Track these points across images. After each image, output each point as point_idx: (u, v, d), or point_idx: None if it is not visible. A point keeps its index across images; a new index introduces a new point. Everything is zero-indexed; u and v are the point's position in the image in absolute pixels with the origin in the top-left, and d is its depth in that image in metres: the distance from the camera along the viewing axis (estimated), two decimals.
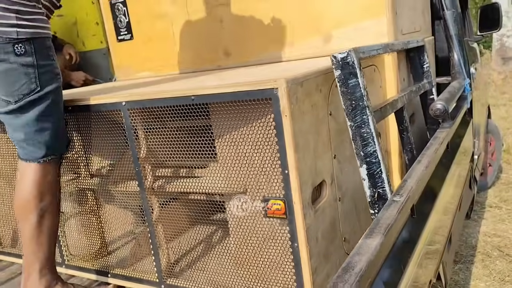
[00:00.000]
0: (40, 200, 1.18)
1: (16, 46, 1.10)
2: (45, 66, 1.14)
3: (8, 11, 1.09)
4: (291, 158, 0.94)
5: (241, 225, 1.10)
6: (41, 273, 1.22)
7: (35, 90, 1.13)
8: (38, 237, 1.19)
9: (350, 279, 0.65)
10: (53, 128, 1.18)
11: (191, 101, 1.04)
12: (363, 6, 1.53)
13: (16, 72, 1.10)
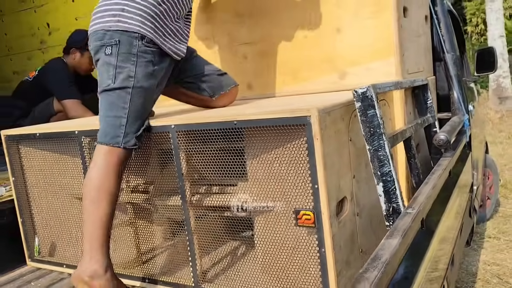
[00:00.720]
0: (100, 179, 1.30)
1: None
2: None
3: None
4: (320, 175, 1.12)
5: (273, 233, 1.26)
6: (90, 255, 1.30)
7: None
8: (96, 219, 1.29)
9: (378, 266, 0.81)
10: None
11: (234, 125, 1.23)
12: (374, 48, 1.75)
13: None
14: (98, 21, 1.36)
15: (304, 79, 1.92)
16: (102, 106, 1.35)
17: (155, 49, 1.35)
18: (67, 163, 1.69)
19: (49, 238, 1.83)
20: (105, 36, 1.31)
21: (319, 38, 1.84)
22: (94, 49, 1.36)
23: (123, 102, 1.31)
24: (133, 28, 1.31)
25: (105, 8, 1.35)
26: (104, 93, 1.34)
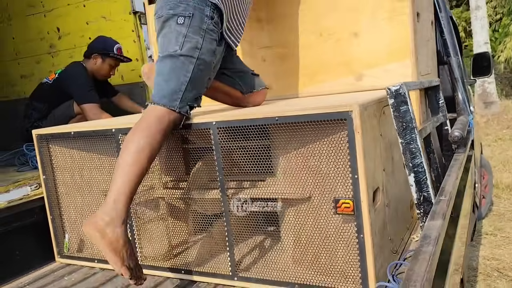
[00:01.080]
0: (146, 136, 1.34)
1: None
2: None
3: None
4: (361, 166, 1.22)
5: (310, 222, 1.35)
6: (114, 204, 1.31)
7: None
8: (130, 173, 1.32)
9: (431, 242, 0.91)
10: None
11: (276, 121, 1.32)
12: (390, 51, 1.86)
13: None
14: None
15: (322, 81, 2.02)
16: (164, 69, 1.43)
17: (219, 30, 1.49)
18: (101, 160, 1.75)
19: (78, 234, 1.88)
20: (179, 6, 1.42)
21: (337, 42, 1.94)
22: (165, 16, 1.44)
23: (186, 69, 1.41)
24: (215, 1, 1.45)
25: None
26: (168, 57, 1.42)
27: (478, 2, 8.84)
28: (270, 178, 1.46)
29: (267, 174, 1.46)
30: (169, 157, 1.63)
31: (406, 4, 1.77)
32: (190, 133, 1.51)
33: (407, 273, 0.79)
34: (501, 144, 6.83)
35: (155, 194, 1.68)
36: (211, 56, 1.47)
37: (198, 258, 1.61)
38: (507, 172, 5.12)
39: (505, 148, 6.47)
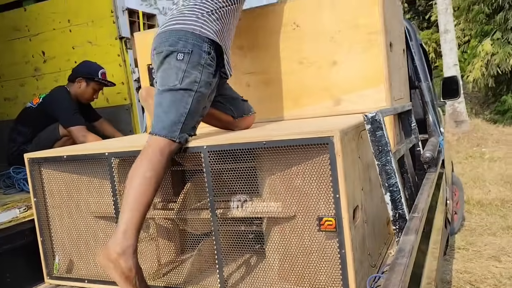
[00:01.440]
0: (150, 169, 1.43)
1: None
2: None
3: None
4: (342, 186, 1.33)
5: (294, 239, 1.45)
6: (125, 234, 1.39)
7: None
8: (139, 205, 1.41)
9: (405, 255, 1.02)
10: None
11: (263, 145, 1.42)
12: (366, 78, 2.00)
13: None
14: (177, 22, 1.58)
15: (304, 105, 2.14)
16: (164, 102, 1.52)
17: (215, 64, 1.60)
18: (93, 184, 1.81)
19: (68, 256, 1.93)
20: (178, 43, 1.52)
21: (317, 69, 2.08)
22: (165, 52, 1.54)
23: (186, 102, 1.51)
24: (210, 36, 1.57)
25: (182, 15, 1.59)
26: (168, 91, 1.52)
27: (446, 26, 9.27)
28: (257, 198, 1.56)
29: (254, 194, 1.56)
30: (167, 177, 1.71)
31: (379, 36, 1.92)
32: (181, 157, 1.60)
33: (384, 283, 0.89)
34: (472, 161, 7.12)
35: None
36: (208, 88, 1.57)
37: (188, 276, 1.68)
38: (478, 189, 5.34)
39: (475, 165, 6.74)
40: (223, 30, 1.65)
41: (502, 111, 11.36)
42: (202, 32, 1.56)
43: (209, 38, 1.57)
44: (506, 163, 6.61)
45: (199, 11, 1.61)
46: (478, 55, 11.41)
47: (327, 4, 2.02)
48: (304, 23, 2.08)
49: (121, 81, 3.01)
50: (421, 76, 2.58)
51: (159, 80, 1.56)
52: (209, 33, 1.58)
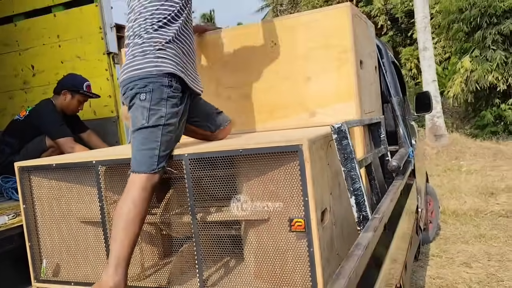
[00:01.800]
0: (134, 206, 1.57)
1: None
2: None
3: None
4: (310, 190, 1.47)
5: (268, 239, 1.58)
6: (116, 270, 1.55)
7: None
8: (127, 240, 1.56)
9: (361, 248, 1.15)
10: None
11: (240, 152, 1.56)
12: (338, 93, 2.15)
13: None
14: (133, 69, 1.67)
15: (280, 117, 2.29)
16: (137, 141, 1.64)
17: (179, 93, 1.69)
18: (80, 191, 1.92)
19: (55, 260, 2.02)
20: (137, 84, 1.63)
21: (293, 84, 2.23)
22: (129, 96, 1.66)
23: (155, 137, 1.62)
24: (169, 70, 1.66)
25: (137, 57, 1.67)
26: (139, 130, 1.64)
27: (425, 43, 9.60)
28: (234, 203, 1.69)
29: (232, 199, 1.69)
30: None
31: (350, 55, 2.08)
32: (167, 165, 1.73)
33: (339, 270, 1.03)
34: (450, 174, 7.34)
35: None
36: (175, 117, 1.68)
37: (170, 277, 1.78)
38: (454, 200, 5.54)
39: (453, 177, 6.96)
40: (180, 55, 1.73)
41: (481, 125, 11.72)
42: (158, 70, 1.65)
43: (168, 72, 1.66)
44: (482, 176, 6.85)
45: (149, 48, 1.67)
46: (458, 72, 11.81)
47: (302, 25, 2.18)
48: (281, 42, 2.23)
49: (108, 94, 3.13)
50: (392, 91, 2.75)
51: (131, 122, 1.68)
52: (165, 67, 1.66)
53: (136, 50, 1.69)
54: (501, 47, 11.08)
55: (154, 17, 1.70)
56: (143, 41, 1.69)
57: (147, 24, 1.70)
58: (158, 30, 1.69)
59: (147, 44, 1.68)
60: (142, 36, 1.69)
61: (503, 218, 4.69)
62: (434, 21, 13.28)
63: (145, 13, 1.71)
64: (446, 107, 13.09)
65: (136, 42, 1.70)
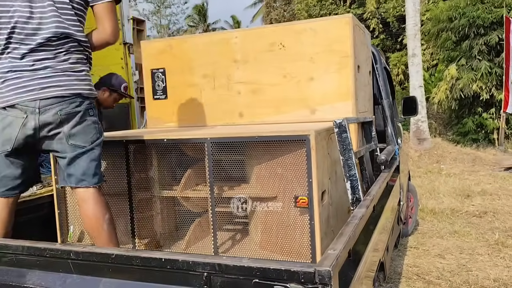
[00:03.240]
0: (105, 215, 1.82)
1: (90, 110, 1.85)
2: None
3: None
4: (314, 173, 1.76)
5: (277, 212, 1.87)
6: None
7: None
8: (108, 243, 1.81)
9: (356, 220, 1.45)
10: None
11: (256, 139, 1.84)
12: (337, 93, 2.45)
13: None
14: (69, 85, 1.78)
15: (284, 112, 2.57)
16: (95, 157, 1.83)
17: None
18: (108, 165, 2.18)
19: (80, 227, 2.27)
20: (84, 102, 1.81)
21: (297, 83, 2.51)
22: (81, 112, 1.79)
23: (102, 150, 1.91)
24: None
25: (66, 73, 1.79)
26: (99, 146, 1.86)
27: (414, 50, 9.99)
28: (247, 182, 1.97)
29: (245, 179, 1.97)
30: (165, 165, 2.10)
31: (349, 60, 2.38)
32: (187, 147, 2.00)
33: (341, 231, 1.32)
34: (430, 176, 7.74)
35: (152, 194, 2.14)
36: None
37: (186, 242, 2.06)
38: (432, 199, 5.91)
39: (433, 179, 7.35)
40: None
41: (463, 132, 12.18)
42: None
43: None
44: (460, 179, 7.25)
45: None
46: (444, 79, 12.23)
47: (309, 30, 2.46)
48: (289, 45, 2.51)
49: None
50: (383, 94, 3.06)
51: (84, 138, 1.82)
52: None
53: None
54: (486, 58, 11.51)
55: None
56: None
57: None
58: None
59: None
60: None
61: (476, 218, 5.06)
62: (424, 28, 13.67)
63: None
64: (430, 112, 13.53)
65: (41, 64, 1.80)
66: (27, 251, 1.39)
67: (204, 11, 32.68)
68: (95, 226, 1.81)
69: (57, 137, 1.78)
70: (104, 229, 1.80)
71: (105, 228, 1.80)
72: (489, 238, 4.27)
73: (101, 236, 1.80)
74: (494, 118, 11.49)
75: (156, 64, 2.81)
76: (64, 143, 1.78)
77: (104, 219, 1.81)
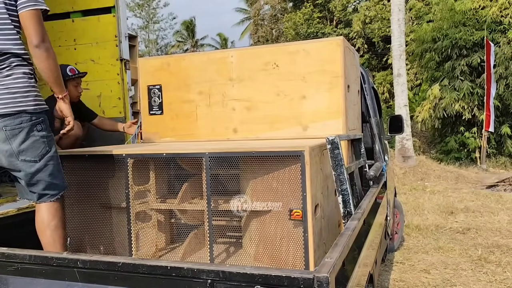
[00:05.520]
0: (61, 226, 1.93)
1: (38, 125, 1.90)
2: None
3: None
4: (308, 187, 1.84)
5: (272, 225, 1.94)
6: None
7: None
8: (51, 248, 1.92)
9: (348, 232, 1.53)
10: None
11: (253, 154, 1.92)
12: (328, 111, 2.55)
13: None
14: (14, 101, 1.83)
15: (277, 128, 2.67)
16: (52, 170, 1.94)
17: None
18: (103, 179, 2.23)
19: (79, 238, 2.31)
20: (29, 117, 1.86)
21: (290, 101, 2.61)
22: (26, 128, 1.86)
23: (59, 159, 2.01)
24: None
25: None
26: (52, 158, 1.95)
27: (399, 70, 10.27)
28: (243, 196, 2.05)
29: (241, 192, 2.05)
30: (162, 179, 2.17)
31: (340, 79, 2.49)
32: (185, 161, 2.07)
33: (335, 242, 1.40)
34: (415, 193, 7.90)
35: (150, 206, 2.20)
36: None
37: (182, 254, 2.12)
38: (417, 216, 6.04)
39: (417, 196, 7.51)
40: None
41: (446, 151, 12.47)
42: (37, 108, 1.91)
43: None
44: (444, 196, 7.42)
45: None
46: (428, 98, 12.55)
47: (302, 51, 2.58)
48: (282, 64, 2.62)
49: (118, 97, 3.43)
50: (371, 113, 3.18)
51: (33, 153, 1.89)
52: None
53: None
54: (468, 78, 11.87)
55: None
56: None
57: None
58: None
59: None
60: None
61: (460, 234, 5.20)
62: (408, 48, 14.05)
63: None
64: (415, 131, 13.83)
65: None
66: (34, 260, 1.43)
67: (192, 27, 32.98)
68: (41, 231, 1.94)
69: (7, 154, 1.86)
70: (47, 235, 1.92)
71: (47, 234, 1.92)
72: (472, 254, 4.40)
73: (44, 240, 1.93)
74: (476, 137, 11.81)
75: (153, 81, 2.89)
76: (15, 159, 1.87)
77: (49, 225, 1.92)
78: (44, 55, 1.84)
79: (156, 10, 31.56)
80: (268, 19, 24.80)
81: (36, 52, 1.84)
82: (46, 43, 1.85)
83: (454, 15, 12.05)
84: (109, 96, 3.41)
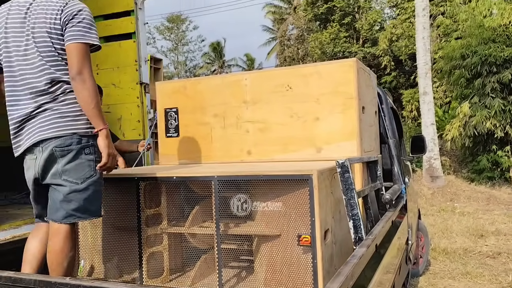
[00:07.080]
0: (69, 252, 1.91)
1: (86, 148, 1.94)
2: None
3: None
4: (317, 212, 1.81)
5: (280, 250, 1.91)
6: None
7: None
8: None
9: (355, 260, 1.49)
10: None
11: (261, 178, 1.91)
12: (342, 133, 2.52)
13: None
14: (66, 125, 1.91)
15: (291, 150, 2.65)
16: (90, 194, 1.92)
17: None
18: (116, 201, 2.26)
19: (92, 261, 2.34)
20: (82, 140, 1.92)
21: (304, 123, 2.60)
22: (75, 150, 1.90)
23: (101, 186, 2.01)
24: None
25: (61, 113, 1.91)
26: (93, 183, 1.94)
27: (425, 88, 10.09)
28: (251, 220, 2.03)
29: (249, 216, 2.03)
30: (174, 202, 2.18)
31: (354, 101, 2.46)
32: (195, 184, 2.08)
33: (338, 272, 1.36)
34: (443, 214, 7.64)
35: (161, 229, 2.20)
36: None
37: (192, 279, 2.10)
38: (445, 239, 5.83)
39: (446, 218, 7.26)
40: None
41: (478, 170, 12.05)
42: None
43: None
44: (474, 218, 7.15)
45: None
46: (457, 116, 12.24)
47: (315, 73, 2.57)
48: (296, 86, 2.62)
49: (137, 119, 3.51)
50: (389, 134, 3.12)
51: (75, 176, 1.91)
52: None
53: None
54: (499, 95, 11.51)
55: None
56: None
57: None
58: None
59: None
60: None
61: (490, 259, 4.97)
62: (436, 66, 13.81)
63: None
64: (444, 149, 13.46)
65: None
66: (39, 285, 1.45)
67: (220, 49, 33.56)
68: (59, 261, 1.90)
69: (52, 172, 1.91)
70: (64, 266, 1.90)
71: (64, 266, 1.90)
72: (502, 280, 4.19)
73: (58, 271, 1.90)
74: (509, 156, 11.38)
75: (170, 104, 2.94)
76: (58, 178, 1.90)
77: (67, 257, 1.91)
78: (78, 87, 1.88)
79: (185, 32, 32.35)
80: (294, 39, 24.97)
81: (72, 84, 1.90)
82: (82, 76, 1.87)
83: (483, 31, 11.79)
84: (129, 119, 3.49)
